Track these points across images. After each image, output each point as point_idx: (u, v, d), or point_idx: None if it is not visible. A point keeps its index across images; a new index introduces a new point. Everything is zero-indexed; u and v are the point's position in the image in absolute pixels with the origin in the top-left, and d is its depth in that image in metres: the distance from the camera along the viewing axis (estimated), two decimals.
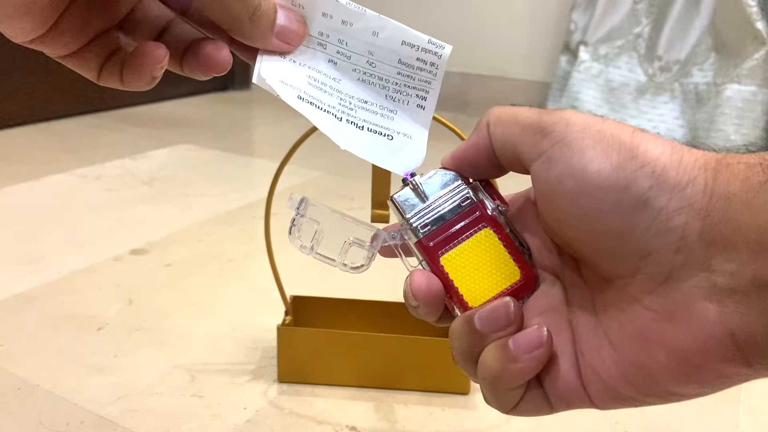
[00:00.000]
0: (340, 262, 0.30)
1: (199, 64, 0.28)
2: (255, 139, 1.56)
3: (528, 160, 0.26)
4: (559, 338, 0.26)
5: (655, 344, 0.23)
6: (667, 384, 0.24)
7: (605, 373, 0.25)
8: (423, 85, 0.31)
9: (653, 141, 0.24)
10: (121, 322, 0.67)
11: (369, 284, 0.78)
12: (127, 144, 1.34)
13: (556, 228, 0.26)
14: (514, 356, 0.25)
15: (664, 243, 0.23)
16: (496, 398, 0.26)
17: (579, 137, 0.24)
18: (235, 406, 0.55)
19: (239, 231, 0.93)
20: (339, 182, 1.16)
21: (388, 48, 0.30)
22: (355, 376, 0.58)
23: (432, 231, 0.28)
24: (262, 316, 0.69)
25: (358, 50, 0.30)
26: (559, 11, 1.64)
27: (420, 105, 0.31)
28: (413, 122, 0.31)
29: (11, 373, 0.58)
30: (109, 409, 0.54)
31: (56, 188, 1.07)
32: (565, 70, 1.56)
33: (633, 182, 0.23)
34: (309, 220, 0.30)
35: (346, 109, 0.30)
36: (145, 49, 0.27)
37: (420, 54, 0.30)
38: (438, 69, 0.31)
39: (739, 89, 1.27)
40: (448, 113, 2.07)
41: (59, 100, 1.50)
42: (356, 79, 0.31)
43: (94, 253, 0.82)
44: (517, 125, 0.26)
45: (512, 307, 0.26)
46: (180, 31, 0.30)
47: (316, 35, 0.30)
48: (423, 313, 0.28)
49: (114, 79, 0.29)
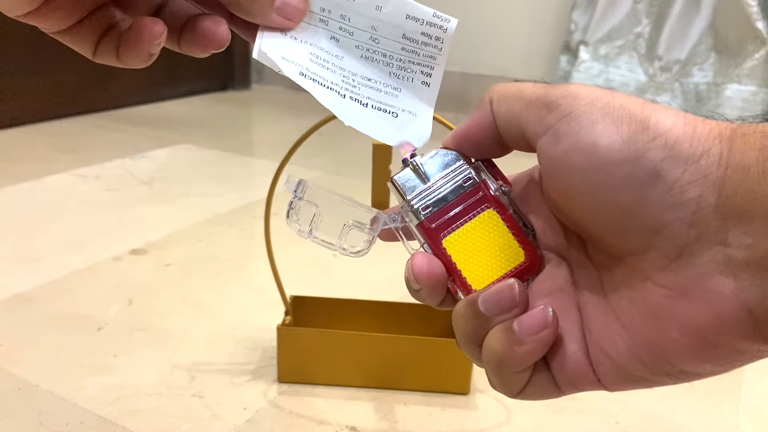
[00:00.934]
0: (339, 245, 0.29)
1: (197, 40, 0.28)
2: (255, 139, 1.56)
3: (534, 135, 0.25)
4: (566, 319, 0.26)
5: (668, 322, 0.23)
6: (680, 363, 0.23)
7: (615, 354, 0.24)
8: (428, 61, 0.30)
9: (665, 112, 0.23)
10: (120, 322, 0.67)
11: (369, 284, 0.78)
12: (127, 144, 1.34)
13: (563, 205, 0.25)
14: (519, 339, 0.24)
15: (678, 217, 0.22)
16: (501, 382, 0.26)
17: (587, 110, 0.23)
18: (235, 406, 0.55)
19: (239, 231, 0.93)
20: (339, 182, 1.16)
21: (391, 22, 0.29)
22: (355, 376, 0.58)
23: (433, 213, 0.27)
24: (262, 316, 0.68)
25: (361, 26, 0.29)
26: (559, 11, 1.64)
27: (425, 82, 0.30)
28: (418, 100, 0.30)
29: (11, 373, 0.58)
30: (109, 409, 0.54)
31: (56, 188, 1.07)
32: (566, 70, 1.56)
33: (645, 155, 0.22)
34: (307, 203, 0.29)
35: (350, 86, 0.30)
36: (141, 24, 0.27)
37: (425, 28, 0.29)
38: (443, 43, 0.30)
39: (739, 89, 1.27)
40: (448, 113, 2.05)
41: (59, 100, 1.50)
42: (359, 56, 0.30)
43: (94, 253, 0.82)
44: (521, 100, 0.26)
45: (517, 288, 0.25)
46: (178, 7, 0.29)
47: (317, 11, 0.29)
48: (425, 296, 0.27)
49: (110, 55, 0.29)
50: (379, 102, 0.30)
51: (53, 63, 1.46)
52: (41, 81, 1.46)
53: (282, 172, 0.52)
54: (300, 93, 0.30)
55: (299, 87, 0.29)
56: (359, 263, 0.82)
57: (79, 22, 0.28)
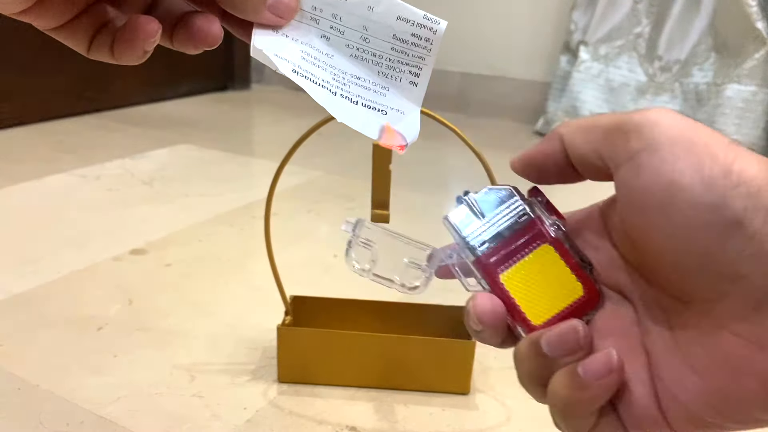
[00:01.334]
0: (398, 283, 0.30)
1: (190, 37, 0.28)
2: (255, 139, 1.56)
3: (613, 164, 0.24)
4: (633, 362, 0.25)
5: (747, 373, 0.22)
6: (758, 413, 0.23)
7: (687, 400, 0.24)
8: (417, 61, 0.31)
9: (748, 158, 0.22)
10: (121, 322, 0.67)
11: (369, 284, 0.78)
12: (127, 144, 1.34)
13: (638, 240, 0.25)
14: (583, 383, 0.24)
15: (758, 268, 0.22)
16: (567, 426, 0.26)
17: (669, 143, 0.23)
18: (235, 406, 0.55)
19: (239, 231, 0.93)
20: (339, 182, 1.16)
21: (382, 23, 0.30)
22: (355, 376, 0.58)
23: (490, 248, 0.28)
24: (262, 316, 0.68)
25: (352, 25, 0.30)
26: (559, 11, 1.64)
27: (412, 81, 0.31)
28: (405, 99, 0.31)
29: (11, 373, 0.58)
30: (109, 409, 0.54)
31: (56, 188, 1.07)
32: (565, 70, 1.56)
33: (727, 202, 0.22)
34: (364, 242, 0.30)
35: (340, 84, 0.30)
36: (136, 23, 0.27)
37: (415, 29, 0.30)
38: (433, 44, 0.30)
39: (739, 89, 1.27)
40: (448, 113, 2.07)
41: (59, 100, 1.50)
42: (349, 55, 0.30)
43: (94, 253, 0.82)
44: (598, 129, 0.25)
45: (581, 331, 0.25)
46: (170, 4, 0.29)
47: (309, 10, 0.29)
48: (487, 336, 0.27)
49: (104, 52, 0.29)
50: (368, 100, 0.30)
51: (53, 63, 1.46)
52: (41, 81, 1.46)
53: (282, 172, 0.52)
54: (300, 93, 0.30)
55: (300, 87, 0.29)
56: None
57: (73, 19, 0.28)
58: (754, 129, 1.27)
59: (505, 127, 1.68)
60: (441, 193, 1.14)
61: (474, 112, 1.79)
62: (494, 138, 1.57)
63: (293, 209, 1.01)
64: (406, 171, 1.20)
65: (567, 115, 1.50)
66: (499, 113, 1.75)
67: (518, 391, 0.28)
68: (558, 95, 1.57)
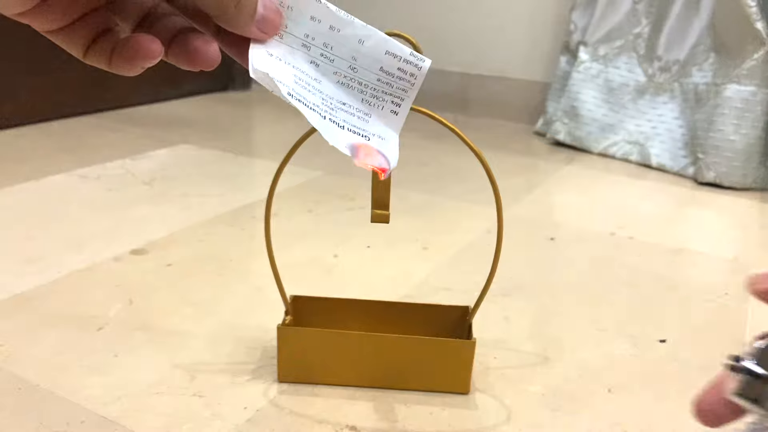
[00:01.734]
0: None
1: (188, 57, 0.29)
2: (255, 139, 1.56)
3: None
4: None
5: None
6: None
7: None
8: (400, 93, 0.33)
9: None
10: (121, 321, 0.67)
11: (369, 284, 0.78)
12: (128, 144, 1.34)
13: None
14: None
15: None
16: None
17: None
18: (236, 405, 0.55)
19: (239, 231, 0.93)
20: (339, 182, 1.16)
21: (371, 56, 0.32)
22: (355, 375, 0.58)
23: None
24: (262, 315, 0.69)
25: (341, 55, 0.32)
26: (558, 11, 1.64)
27: (393, 111, 0.33)
28: (385, 126, 0.33)
29: (11, 372, 0.58)
30: (110, 408, 0.54)
31: (56, 188, 1.07)
32: (565, 71, 1.56)
33: None
34: None
35: (328, 109, 0.32)
36: (139, 41, 0.28)
37: (401, 64, 0.32)
38: (416, 79, 0.33)
39: (738, 89, 1.28)
40: (448, 113, 2.05)
41: (59, 100, 1.50)
42: (336, 82, 0.32)
43: (95, 253, 0.82)
44: None
45: None
46: (166, 18, 0.30)
47: (302, 37, 0.31)
48: None
49: (101, 60, 0.29)
50: (353, 125, 0.32)
51: (54, 64, 1.46)
52: (42, 81, 1.46)
53: (282, 172, 0.52)
54: None
55: None
56: (359, 263, 0.83)
57: (72, 23, 0.29)
58: (753, 129, 1.27)
59: (504, 127, 1.68)
60: (441, 193, 1.14)
61: (474, 112, 1.79)
62: (494, 138, 1.57)
63: (293, 209, 1.01)
64: (406, 171, 1.21)
65: (566, 116, 1.50)
66: (499, 113, 1.75)
67: (518, 390, 0.28)
68: (557, 95, 1.57)
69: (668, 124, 1.39)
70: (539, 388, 0.59)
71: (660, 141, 1.39)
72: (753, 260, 0.92)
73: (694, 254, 0.93)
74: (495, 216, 0.54)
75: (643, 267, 0.88)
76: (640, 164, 1.40)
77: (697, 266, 0.89)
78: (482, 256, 0.86)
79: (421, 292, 0.76)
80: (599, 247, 0.94)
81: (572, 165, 1.37)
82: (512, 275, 0.82)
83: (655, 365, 0.64)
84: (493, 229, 0.94)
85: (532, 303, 0.76)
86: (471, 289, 0.77)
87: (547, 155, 1.45)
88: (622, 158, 1.43)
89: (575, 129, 1.49)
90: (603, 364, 0.64)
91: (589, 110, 1.48)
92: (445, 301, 0.66)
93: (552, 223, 1.02)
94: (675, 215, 1.12)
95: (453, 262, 0.85)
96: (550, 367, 0.63)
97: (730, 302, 0.78)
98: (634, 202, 1.16)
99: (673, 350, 0.67)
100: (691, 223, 1.09)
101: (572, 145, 1.50)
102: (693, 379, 0.62)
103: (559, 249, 0.93)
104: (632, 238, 0.98)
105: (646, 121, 1.42)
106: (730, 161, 1.27)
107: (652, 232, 1.01)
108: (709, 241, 0.99)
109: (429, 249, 0.88)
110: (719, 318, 0.75)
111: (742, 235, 1.04)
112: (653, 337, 0.69)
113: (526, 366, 0.63)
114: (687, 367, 0.64)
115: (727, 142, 1.28)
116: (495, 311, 0.73)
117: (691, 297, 0.80)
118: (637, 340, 0.69)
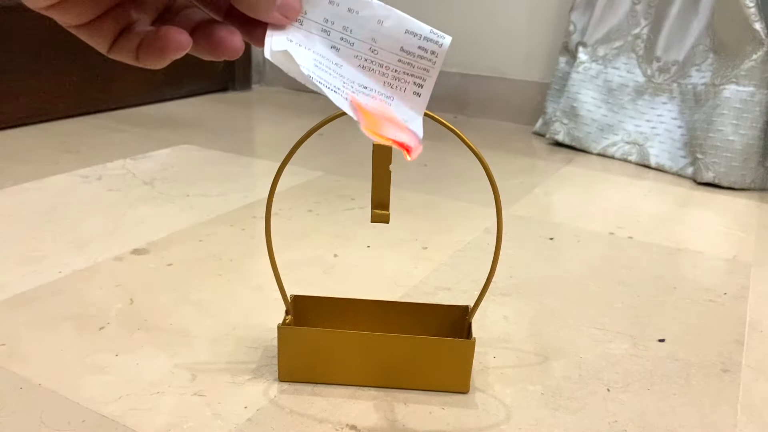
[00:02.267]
0: None
1: (213, 47, 0.29)
2: (256, 139, 1.56)
3: None
4: None
5: None
6: None
7: None
8: (421, 73, 0.32)
9: None
10: (122, 321, 0.67)
11: (369, 284, 0.79)
12: (129, 144, 1.34)
13: None
14: None
15: None
16: None
17: None
18: (236, 405, 0.55)
19: (240, 231, 0.93)
20: (339, 182, 1.16)
21: (391, 36, 0.31)
22: (356, 375, 0.58)
23: None
24: (263, 315, 0.69)
25: (361, 37, 0.31)
26: (558, 12, 1.65)
27: (416, 92, 0.33)
28: (408, 108, 0.33)
29: (13, 372, 0.58)
30: (111, 408, 0.54)
31: (58, 188, 1.07)
32: (564, 71, 1.57)
33: None
34: None
35: (350, 93, 0.31)
36: (169, 34, 0.28)
37: (422, 42, 0.32)
38: (437, 57, 0.32)
39: (737, 90, 1.28)
40: (448, 113, 2.06)
41: (60, 100, 1.50)
42: (357, 65, 0.32)
43: (96, 253, 0.83)
44: None
45: None
46: (185, 10, 0.30)
47: (321, 21, 0.31)
48: None
49: (128, 55, 0.30)
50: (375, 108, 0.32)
51: (56, 64, 1.47)
52: (43, 81, 1.46)
53: (282, 173, 0.53)
54: (301, 94, 0.31)
55: (300, 88, 0.30)
56: (359, 263, 0.83)
57: (97, 18, 0.29)
58: (751, 129, 1.27)
59: (503, 128, 1.68)
60: (441, 193, 1.14)
61: (473, 112, 1.79)
62: (493, 138, 1.58)
63: (294, 209, 1.02)
64: (406, 171, 1.21)
65: (565, 116, 1.50)
66: (498, 114, 1.76)
67: (518, 390, 0.28)
68: (557, 96, 1.57)
69: (667, 124, 1.39)
70: (539, 387, 0.60)
71: (659, 141, 1.39)
72: (752, 260, 0.93)
73: (693, 254, 0.94)
74: (494, 216, 0.54)
75: (642, 267, 0.88)
76: (639, 164, 1.40)
77: (696, 266, 0.90)
78: (482, 256, 0.86)
79: (420, 292, 0.77)
80: (598, 247, 0.94)
81: (571, 165, 1.38)
82: (512, 275, 0.82)
83: (654, 365, 0.65)
84: (492, 228, 0.95)
85: (532, 303, 0.76)
86: (470, 289, 0.77)
87: (547, 155, 1.45)
88: (621, 158, 1.43)
89: (574, 129, 1.49)
90: (602, 364, 0.64)
91: (589, 111, 1.48)
92: (445, 301, 0.67)
93: (551, 223, 1.02)
94: (674, 215, 1.13)
95: (452, 262, 0.85)
96: (550, 367, 0.63)
97: (729, 302, 0.79)
98: (633, 202, 1.16)
99: (673, 350, 0.67)
100: (690, 223, 1.09)
101: (571, 145, 1.50)
102: (692, 378, 0.63)
103: (559, 249, 0.93)
104: (631, 238, 0.98)
105: (645, 121, 1.42)
106: (728, 161, 1.28)
107: (651, 232, 1.01)
108: (708, 241, 0.99)
109: (429, 249, 0.88)
110: (718, 318, 0.75)
111: (741, 235, 1.04)
112: (653, 336, 0.70)
113: (525, 365, 0.63)
114: (686, 366, 0.64)
115: (725, 142, 1.28)
116: (494, 311, 0.73)
117: (690, 297, 0.80)
118: (636, 340, 0.69)
